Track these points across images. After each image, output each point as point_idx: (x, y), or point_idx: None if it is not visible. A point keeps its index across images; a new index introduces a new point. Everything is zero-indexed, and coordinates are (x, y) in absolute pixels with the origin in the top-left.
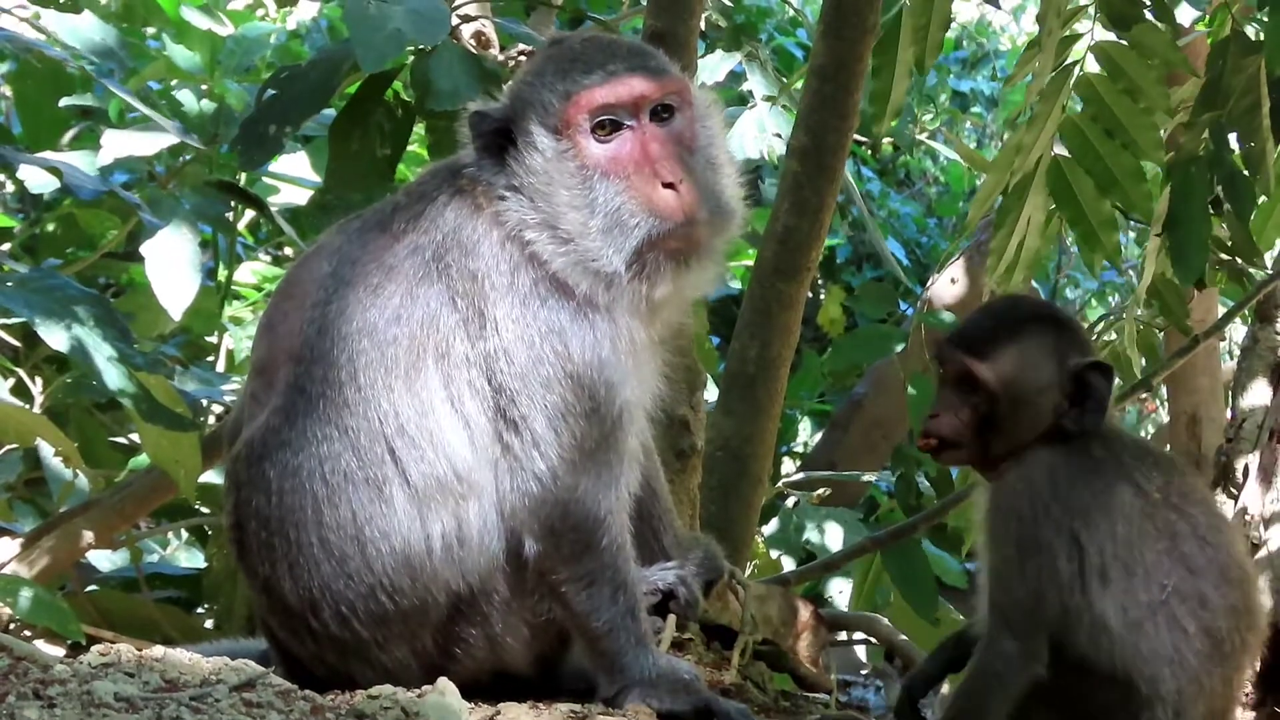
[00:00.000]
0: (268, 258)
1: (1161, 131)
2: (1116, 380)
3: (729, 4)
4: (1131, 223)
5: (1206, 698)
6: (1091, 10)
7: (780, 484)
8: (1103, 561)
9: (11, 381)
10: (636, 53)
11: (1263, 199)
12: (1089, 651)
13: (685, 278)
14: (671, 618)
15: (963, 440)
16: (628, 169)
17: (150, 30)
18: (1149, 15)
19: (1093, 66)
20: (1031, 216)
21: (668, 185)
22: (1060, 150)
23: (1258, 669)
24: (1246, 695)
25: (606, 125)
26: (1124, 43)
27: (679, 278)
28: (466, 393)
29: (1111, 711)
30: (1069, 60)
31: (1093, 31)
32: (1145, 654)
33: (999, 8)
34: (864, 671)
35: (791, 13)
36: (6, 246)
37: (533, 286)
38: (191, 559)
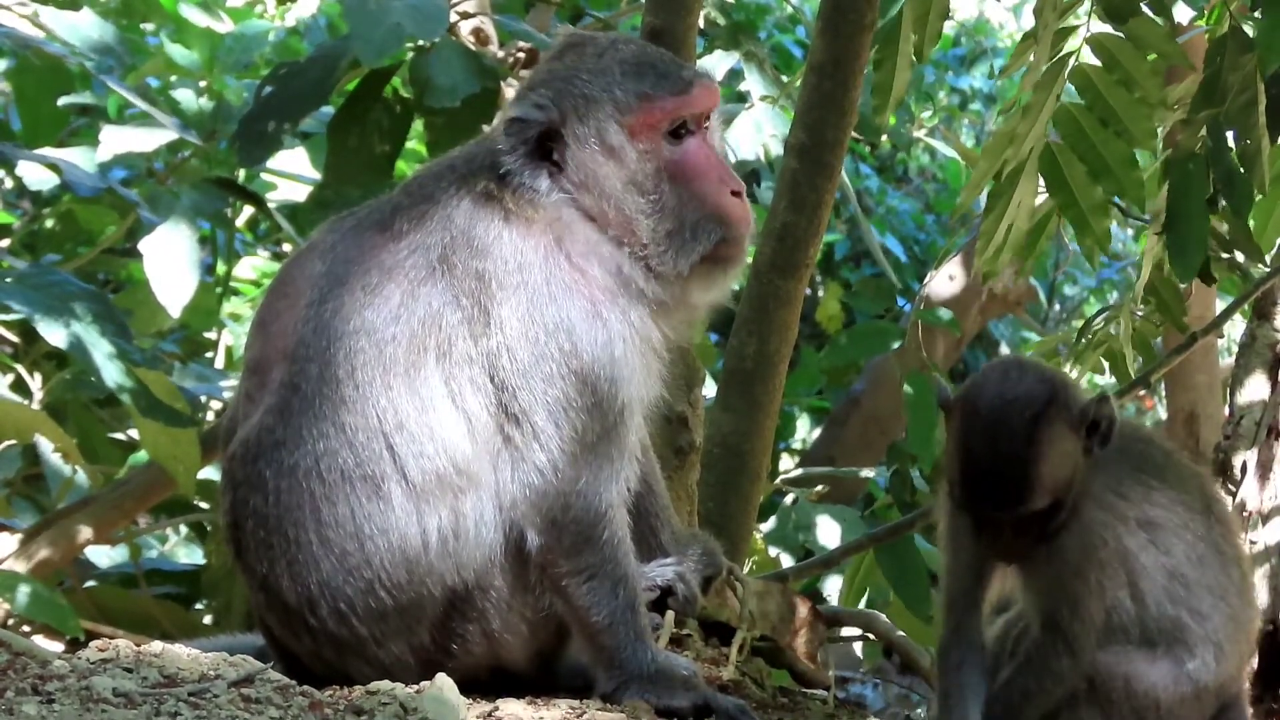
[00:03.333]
0: (266, 254)
1: (1160, 128)
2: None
3: (727, 1)
4: (1130, 220)
5: (1242, 642)
6: (1088, 2)
7: (779, 480)
8: (1175, 520)
9: (10, 377)
10: (682, 61)
11: (1260, 197)
12: (1151, 608)
13: (725, 283)
14: (670, 614)
15: (1040, 541)
16: (698, 175)
17: (149, 27)
18: (1145, 9)
19: (1088, 58)
20: (1022, 200)
21: (735, 193)
22: (1054, 137)
23: (1255, 665)
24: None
25: (680, 132)
26: (1120, 35)
27: (722, 283)
28: (468, 389)
29: (1147, 673)
30: (1064, 52)
31: (1088, 24)
32: (1205, 586)
33: (998, 0)
34: (862, 668)
35: (790, 10)
36: (6, 243)
37: (544, 284)
38: (190, 555)
